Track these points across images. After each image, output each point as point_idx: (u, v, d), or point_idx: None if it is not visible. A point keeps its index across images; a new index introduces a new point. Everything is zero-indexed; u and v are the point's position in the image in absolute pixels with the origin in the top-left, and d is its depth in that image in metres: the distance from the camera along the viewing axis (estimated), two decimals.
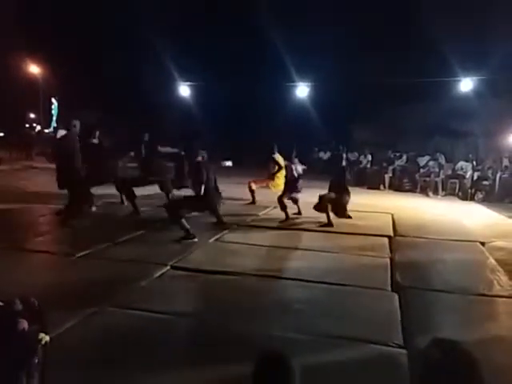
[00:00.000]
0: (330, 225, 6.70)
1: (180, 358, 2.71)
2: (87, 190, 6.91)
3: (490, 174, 11.20)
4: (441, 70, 13.14)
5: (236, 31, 21.28)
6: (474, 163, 11.72)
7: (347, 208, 7.10)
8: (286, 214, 7.08)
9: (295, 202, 7.55)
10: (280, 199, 7.24)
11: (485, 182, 11.05)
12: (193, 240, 5.49)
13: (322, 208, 6.90)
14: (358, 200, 8.25)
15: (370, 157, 14.75)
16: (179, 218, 5.62)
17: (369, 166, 14.50)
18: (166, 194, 7.70)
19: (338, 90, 17.27)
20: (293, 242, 5.88)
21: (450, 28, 14.67)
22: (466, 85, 11.85)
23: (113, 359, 2.62)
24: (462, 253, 5.47)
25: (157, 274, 4.21)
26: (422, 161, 13.04)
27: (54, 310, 2.22)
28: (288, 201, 7.30)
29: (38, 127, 25.18)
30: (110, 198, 8.29)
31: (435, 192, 11.77)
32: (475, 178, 11.23)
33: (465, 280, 4.39)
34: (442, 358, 1.40)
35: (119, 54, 21.76)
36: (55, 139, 7.47)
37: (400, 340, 2.98)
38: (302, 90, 13.26)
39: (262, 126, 18.89)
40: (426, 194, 11.77)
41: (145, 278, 4.05)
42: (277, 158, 8.38)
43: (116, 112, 20.88)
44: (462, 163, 12.27)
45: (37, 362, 1.76)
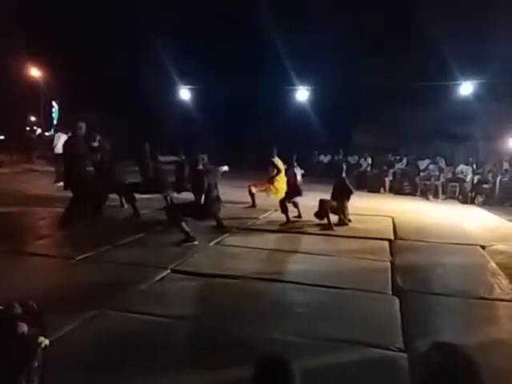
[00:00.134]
0: (330, 228, 6.71)
1: (180, 362, 2.70)
2: (93, 190, 6.96)
3: (490, 178, 11.20)
4: (441, 74, 13.18)
5: (236, 33, 21.36)
6: (474, 167, 11.74)
7: (347, 213, 7.12)
8: (287, 217, 7.08)
9: (295, 205, 7.57)
10: (282, 202, 7.25)
11: (485, 186, 11.05)
12: (193, 243, 5.49)
13: (322, 214, 6.93)
14: (359, 203, 8.25)
15: (370, 160, 14.76)
16: (179, 221, 5.62)
17: (369, 169, 14.50)
18: (165, 198, 7.67)
19: (338, 94, 17.31)
20: (293, 245, 5.88)
21: (450, 31, 14.71)
22: (466, 88, 11.89)
23: (112, 362, 2.62)
24: (462, 256, 5.46)
25: (157, 278, 4.20)
26: (423, 164, 13.04)
27: (54, 313, 2.22)
28: (289, 204, 7.31)
29: (39, 130, 25.21)
30: (109, 201, 8.27)
31: (435, 195, 11.76)
32: (475, 181, 11.23)
33: (465, 283, 4.39)
34: (442, 361, 1.40)
35: (119, 55, 21.82)
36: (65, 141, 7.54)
37: (400, 344, 2.98)
38: (302, 93, 13.30)
39: (262, 129, 18.91)
40: (427, 198, 11.76)
41: (145, 282, 4.04)
42: (276, 161, 8.39)
43: (116, 113, 20.91)
44: (462, 167, 12.27)
45: (36, 365, 1.76)
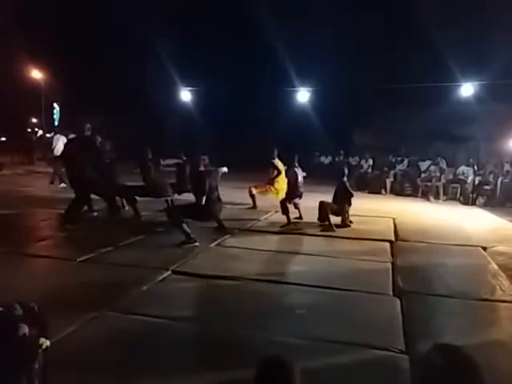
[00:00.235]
0: (331, 229, 6.71)
1: (180, 363, 2.70)
2: (88, 193, 6.98)
3: (491, 179, 11.19)
4: (441, 75, 13.19)
5: (237, 34, 21.41)
6: (475, 168, 11.72)
7: (347, 215, 7.12)
8: (288, 219, 7.08)
9: (296, 206, 7.57)
10: (283, 203, 7.25)
11: (486, 187, 11.03)
12: (194, 244, 5.49)
13: (323, 215, 6.94)
14: (360, 205, 8.24)
15: (371, 161, 14.75)
16: (180, 222, 5.62)
17: (370, 170, 14.50)
18: (166, 200, 7.67)
19: (338, 94, 17.34)
20: (294, 246, 5.88)
21: (451, 32, 14.71)
22: (467, 90, 11.90)
23: (113, 364, 2.62)
24: (463, 257, 5.45)
25: (158, 279, 4.20)
26: (424, 165, 13.02)
27: (55, 314, 2.22)
28: (289, 205, 7.31)
29: (40, 132, 25.24)
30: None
31: (436, 196, 11.75)
32: (476, 182, 11.22)
33: (466, 285, 4.38)
34: (443, 363, 1.39)
35: (119, 56, 21.83)
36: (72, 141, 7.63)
37: (402, 345, 2.97)
38: (303, 94, 13.33)
39: (263, 130, 18.92)
40: (428, 199, 11.75)
41: (146, 283, 4.04)
42: (276, 162, 8.40)
43: (116, 115, 20.93)
44: (463, 168, 12.26)
45: (37, 366, 1.76)
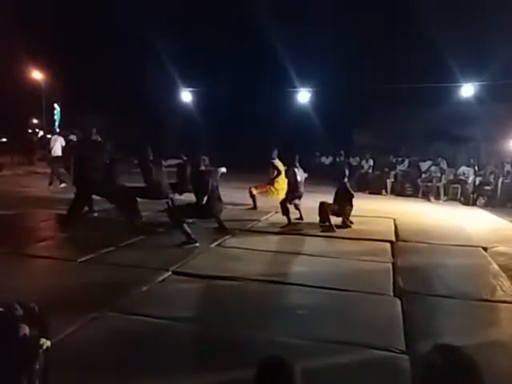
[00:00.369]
0: (331, 230, 6.70)
1: (180, 363, 2.70)
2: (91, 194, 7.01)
3: (491, 179, 11.18)
4: (442, 75, 13.18)
5: (237, 35, 21.42)
6: (476, 168, 11.71)
7: (348, 216, 7.12)
8: (289, 219, 7.07)
9: (297, 207, 7.56)
10: (283, 203, 7.24)
11: (487, 187, 11.03)
12: (194, 245, 5.49)
13: (323, 216, 6.94)
14: (360, 205, 8.23)
15: (371, 161, 14.74)
16: (181, 222, 5.63)
17: (370, 170, 14.49)
18: (166, 201, 7.66)
19: (338, 95, 17.34)
20: (294, 247, 5.87)
21: (451, 32, 14.71)
22: (468, 90, 11.89)
23: (113, 364, 2.62)
24: (464, 258, 5.45)
25: (158, 279, 4.20)
26: (424, 166, 13.02)
27: (56, 315, 2.22)
28: (290, 205, 7.30)
29: (41, 132, 25.25)
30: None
31: (437, 197, 11.74)
32: (477, 183, 11.21)
33: (467, 285, 4.38)
34: (444, 363, 1.39)
35: (119, 56, 21.86)
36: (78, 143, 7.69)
37: (402, 345, 2.97)
38: (304, 95, 13.32)
39: (263, 131, 18.94)
40: (428, 199, 11.74)
41: (146, 283, 4.04)
42: (276, 162, 8.40)
43: (117, 115, 20.95)
44: (463, 168, 12.25)
45: (38, 367, 1.76)
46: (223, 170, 6.66)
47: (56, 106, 22.75)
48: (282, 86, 14.93)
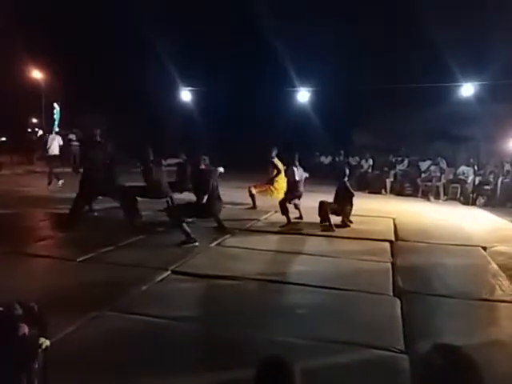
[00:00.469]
0: (331, 229, 6.70)
1: (180, 363, 2.70)
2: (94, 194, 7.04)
3: (491, 179, 11.19)
4: (442, 75, 13.18)
5: (237, 34, 21.39)
6: (476, 168, 11.72)
7: (348, 216, 7.12)
8: (288, 219, 7.07)
9: (297, 206, 7.57)
10: (282, 203, 7.24)
11: (486, 187, 11.03)
12: (194, 244, 5.49)
13: (322, 215, 6.93)
14: (360, 204, 8.23)
15: (371, 161, 14.75)
16: (181, 222, 5.63)
17: (370, 170, 14.50)
18: (166, 201, 7.65)
19: (338, 94, 17.32)
20: (294, 246, 5.88)
21: (451, 32, 14.71)
22: (467, 90, 11.91)
23: (113, 364, 2.62)
24: (463, 257, 5.45)
25: (157, 279, 4.21)
26: (424, 165, 13.02)
27: (55, 314, 2.22)
28: (289, 205, 7.30)
29: (40, 132, 25.25)
30: (110, 202, 8.28)
31: (437, 197, 11.74)
32: (477, 182, 11.22)
33: (466, 285, 4.38)
34: (443, 363, 1.39)
35: (119, 56, 21.83)
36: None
37: (401, 345, 2.97)
38: (303, 94, 13.33)
39: (263, 130, 18.92)
40: (428, 199, 11.74)
41: (145, 283, 4.04)
42: (276, 161, 8.40)
43: (117, 115, 20.94)
44: (463, 168, 12.26)
45: (37, 366, 1.76)
46: (221, 169, 6.67)
47: (56, 105, 22.74)
48: (281, 86, 14.93)
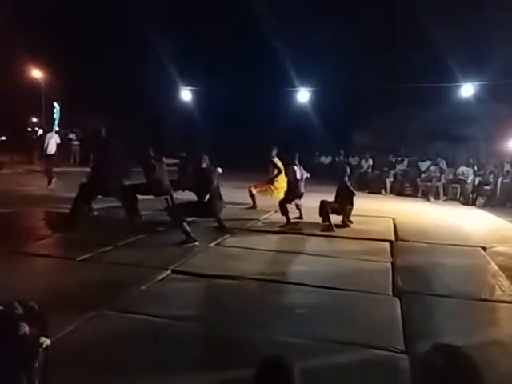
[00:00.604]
0: (331, 229, 6.71)
1: (180, 363, 2.70)
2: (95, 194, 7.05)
3: (491, 179, 11.19)
4: (442, 75, 13.19)
5: (237, 34, 21.39)
6: (475, 168, 11.72)
7: (348, 215, 7.12)
8: (288, 219, 7.07)
9: (298, 207, 7.56)
10: (282, 203, 7.24)
11: (486, 187, 11.04)
12: (194, 244, 5.49)
13: (323, 215, 6.94)
14: (360, 204, 8.22)
15: (371, 161, 14.76)
16: (181, 221, 5.63)
17: (370, 170, 14.50)
18: (166, 199, 7.65)
19: (338, 94, 17.33)
20: (294, 246, 5.88)
21: (451, 32, 14.71)
22: (467, 90, 11.92)
23: (113, 363, 2.62)
24: (463, 258, 5.45)
25: (157, 278, 4.20)
26: (424, 165, 13.03)
27: (55, 313, 2.22)
28: (289, 205, 7.30)
29: (40, 131, 25.24)
30: (110, 202, 8.28)
31: (436, 197, 11.75)
32: (476, 182, 11.22)
33: (466, 285, 4.38)
34: (443, 363, 1.39)
35: (119, 56, 21.84)
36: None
37: (401, 345, 2.97)
38: (303, 94, 13.33)
39: (263, 130, 18.93)
40: (428, 199, 11.75)
41: (145, 282, 4.04)
42: (276, 161, 8.39)
43: (117, 115, 20.93)
44: (463, 168, 12.26)
45: (38, 365, 1.76)
46: (219, 170, 6.68)
47: (55, 104, 22.73)
48: (281, 86, 14.94)
